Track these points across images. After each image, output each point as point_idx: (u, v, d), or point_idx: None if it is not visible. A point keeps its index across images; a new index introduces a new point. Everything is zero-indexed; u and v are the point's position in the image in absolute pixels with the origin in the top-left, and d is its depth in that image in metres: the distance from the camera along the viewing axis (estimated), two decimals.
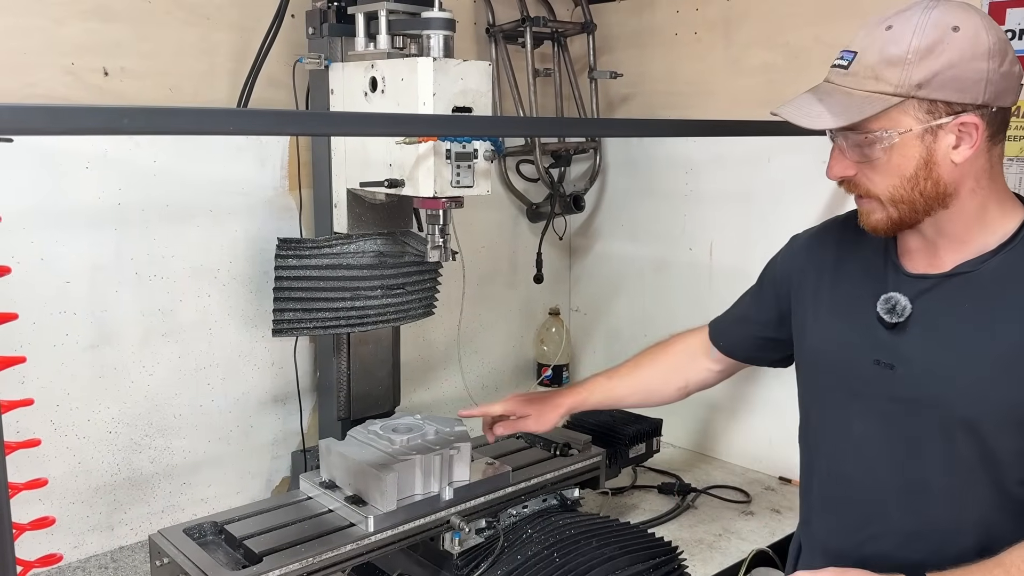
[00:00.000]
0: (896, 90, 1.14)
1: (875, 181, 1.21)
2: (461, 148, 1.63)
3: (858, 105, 1.16)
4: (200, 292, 1.93)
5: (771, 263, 1.55)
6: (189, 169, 1.88)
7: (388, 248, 1.86)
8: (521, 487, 1.80)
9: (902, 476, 1.26)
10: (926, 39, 1.12)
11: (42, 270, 1.71)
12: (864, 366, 1.29)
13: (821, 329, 1.37)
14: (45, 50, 1.69)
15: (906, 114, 1.15)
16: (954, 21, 1.13)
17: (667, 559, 1.65)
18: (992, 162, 1.20)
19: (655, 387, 1.71)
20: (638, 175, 2.55)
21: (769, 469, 2.28)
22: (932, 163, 1.17)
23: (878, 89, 1.15)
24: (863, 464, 1.31)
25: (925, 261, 1.27)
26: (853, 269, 1.36)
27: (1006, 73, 1.14)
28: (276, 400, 2.09)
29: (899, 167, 1.18)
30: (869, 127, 1.17)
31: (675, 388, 1.69)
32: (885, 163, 1.18)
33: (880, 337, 1.27)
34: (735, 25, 2.26)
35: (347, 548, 1.54)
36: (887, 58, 1.14)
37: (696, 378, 1.69)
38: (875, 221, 1.24)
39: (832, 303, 1.36)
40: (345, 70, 1.80)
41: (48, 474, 1.59)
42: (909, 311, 1.24)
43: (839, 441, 1.34)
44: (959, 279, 1.22)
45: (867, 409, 1.29)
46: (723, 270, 2.34)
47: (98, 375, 1.80)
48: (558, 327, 2.68)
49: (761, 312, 1.54)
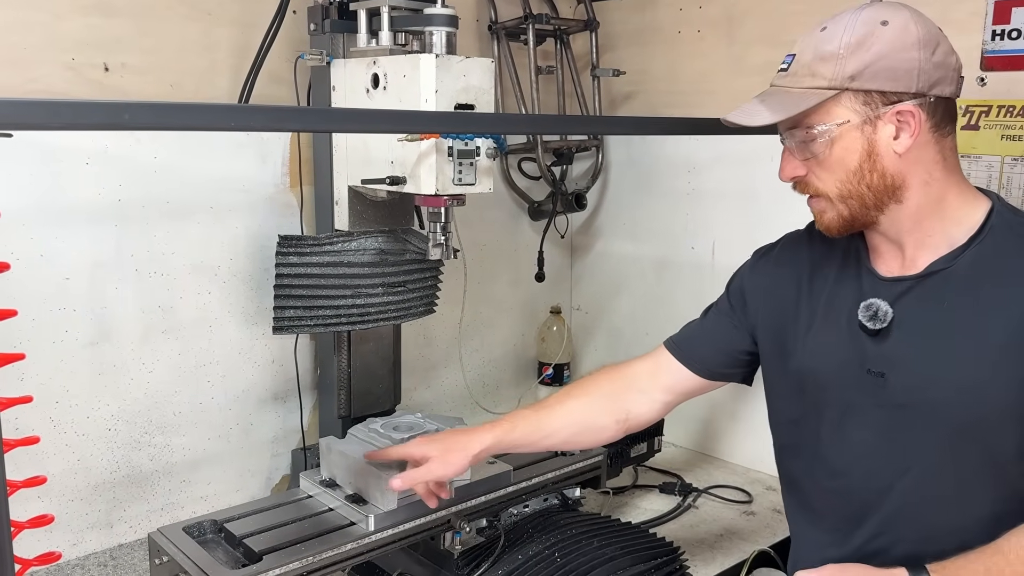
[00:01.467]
0: (831, 83, 1.19)
1: (823, 178, 1.24)
2: (463, 145, 1.62)
3: (795, 101, 1.21)
4: (200, 289, 1.92)
5: (737, 276, 1.54)
6: (190, 165, 1.87)
7: (389, 246, 1.86)
8: (522, 486, 1.79)
9: (907, 483, 1.25)
10: (856, 34, 1.18)
11: (42, 266, 1.70)
12: (856, 377, 1.28)
13: (808, 347, 1.35)
14: (46, 45, 1.68)
15: (843, 106, 1.19)
16: (883, 16, 1.18)
17: (668, 559, 1.65)
18: (944, 154, 1.22)
19: (590, 420, 1.52)
20: (640, 173, 2.55)
21: (771, 469, 2.24)
22: (875, 155, 1.20)
23: (814, 85, 1.20)
24: (866, 475, 1.30)
25: (896, 263, 1.27)
26: (827, 280, 1.35)
27: (940, 63, 1.18)
28: (276, 398, 2.08)
29: (842, 161, 1.21)
30: (810, 122, 1.21)
31: (614, 420, 1.52)
32: (828, 158, 1.22)
33: (866, 346, 1.27)
34: (738, 23, 2.25)
35: (347, 547, 1.53)
36: (821, 55, 1.20)
37: (638, 409, 1.52)
38: (828, 220, 1.27)
39: (812, 318, 1.35)
40: (347, 66, 1.79)
41: (47, 471, 1.59)
42: (891, 316, 1.24)
43: (838, 454, 1.33)
44: (935, 278, 1.23)
45: (864, 420, 1.29)
46: (725, 269, 2.30)
47: (98, 372, 1.80)
48: (559, 326, 2.67)
49: (735, 327, 1.49)
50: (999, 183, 1.82)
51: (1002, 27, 1.79)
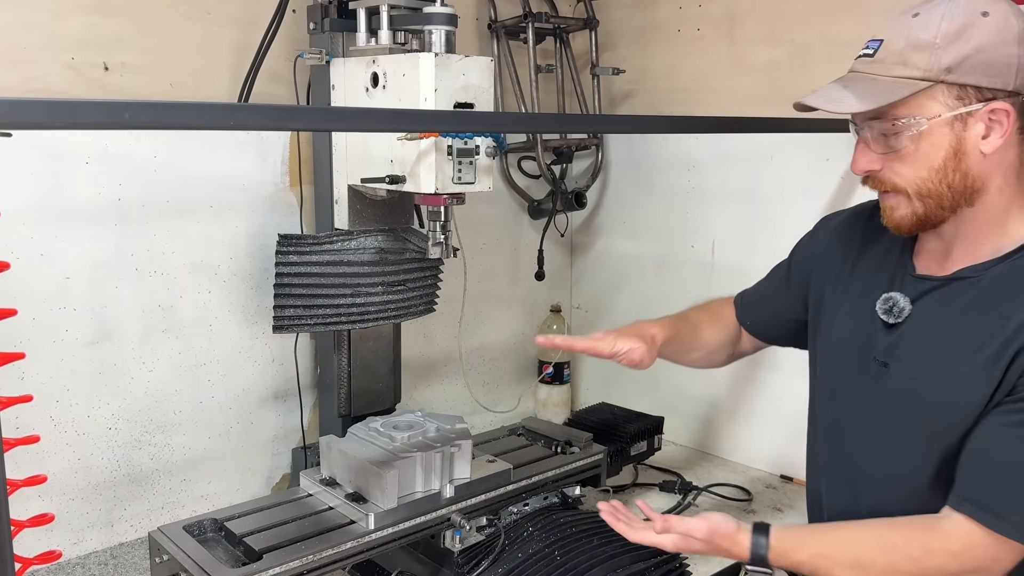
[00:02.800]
0: (925, 74, 1.12)
1: (902, 173, 1.18)
2: (463, 144, 1.62)
3: (885, 90, 1.14)
4: (200, 288, 1.92)
5: (800, 244, 1.54)
6: (190, 165, 1.87)
7: (389, 245, 1.86)
8: (522, 485, 1.80)
9: (892, 472, 1.28)
10: (955, 23, 1.11)
11: (42, 266, 1.70)
12: (866, 362, 1.30)
13: (839, 322, 1.37)
14: (46, 44, 1.68)
15: (935, 100, 1.13)
16: (983, 7, 1.12)
17: (668, 557, 1.65)
18: (1022, 159, 1.17)
19: (714, 349, 1.65)
20: (640, 172, 2.55)
21: (771, 467, 2.27)
22: (961, 153, 1.14)
23: (906, 74, 1.13)
24: (858, 457, 1.33)
25: (936, 263, 1.26)
26: (869, 264, 1.35)
27: None
28: (276, 397, 2.08)
29: (927, 157, 1.15)
30: (897, 114, 1.15)
31: (726, 356, 1.67)
32: (912, 153, 1.16)
33: (880, 335, 1.28)
34: (739, 22, 2.25)
35: (348, 546, 1.53)
36: (915, 43, 1.13)
37: (739, 349, 1.66)
38: (899, 218, 1.21)
39: (848, 296, 1.37)
40: (346, 65, 1.79)
41: (47, 470, 1.59)
42: (907, 312, 1.24)
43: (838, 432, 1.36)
44: (959, 284, 1.22)
45: (862, 404, 1.31)
46: (725, 268, 2.33)
47: (98, 371, 1.80)
48: (559, 324, 2.67)
49: (791, 294, 1.52)
50: None
51: None
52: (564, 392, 2.68)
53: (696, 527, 1.28)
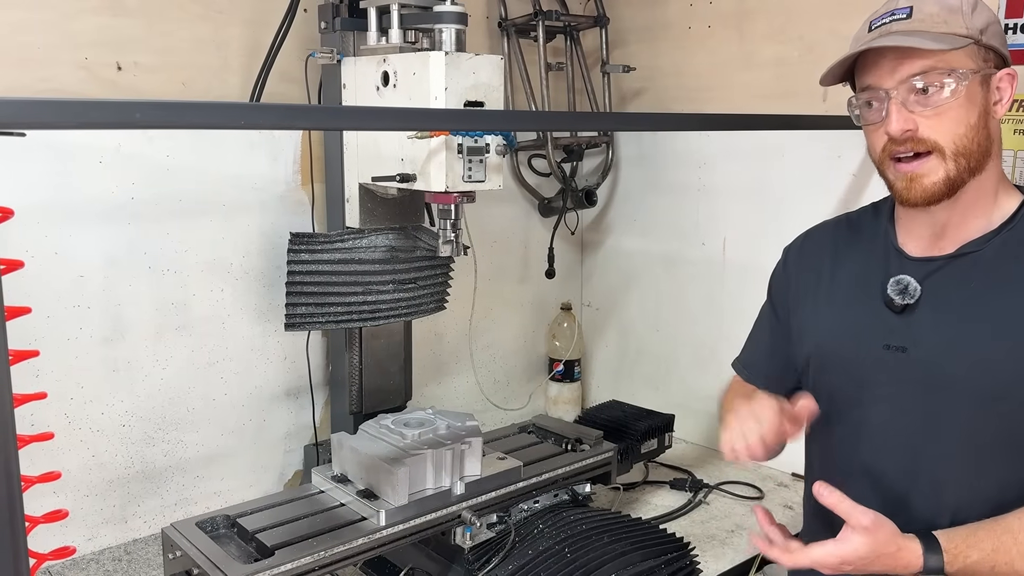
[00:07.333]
0: (968, 32, 1.17)
1: (941, 130, 1.18)
2: (473, 143, 1.62)
3: (939, 39, 1.16)
4: (213, 286, 1.93)
5: (773, 276, 1.53)
6: (202, 164, 1.88)
7: (400, 243, 1.86)
8: (532, 482, 1.80)
9: (921, 460, 1.26)
10: None
11: (56, 264, 1.72)
12: (873, 353, 1.28)
13: (822, 324, 1.36)
14: (58, 44, 1.70)
15: (971, 59, 1.18)
16: None
17: (679, 555, 1.65)
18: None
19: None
20: (650, 169, 2.54)
21: (781, 465, 2.26)
22: (986, 114, 1.19)
23: (950, 30, 1.17)
24: (881, 454, 1.30)
25: (925, 244, 1.28)
26: (853, 261, 1.36)
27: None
28: (288, 394, 2.09)
29: (966, 113, 1.18)
30: (950, 64, 1.17)
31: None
32: (952, 109, 1.17)
33: (889, 321, 1.27)
34: (749, 18, 2.24)
35: (359, 542, 1.54)
36: (947, 6, 1.18)
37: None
38: (929, 184, 1.20)
39: (832, 298, 1.36)
40: (357, 64, 1.79)
41: (62, 467, 1.60)
42: (920, 292, 1.24)
43: (855, 435, 1.33)
44: (965, 259, 1.24)
45: (879, 396, 1.29)
46: (736, 265, 2.33)
47: (112, 369, 1.81)
48: (570, 322, 2.67)
49: (783, 327, 1.46)
50: (1012, 178, 1.80)
51: (1015, 21, 1.78)
52: (575, 390, 2.68)
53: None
